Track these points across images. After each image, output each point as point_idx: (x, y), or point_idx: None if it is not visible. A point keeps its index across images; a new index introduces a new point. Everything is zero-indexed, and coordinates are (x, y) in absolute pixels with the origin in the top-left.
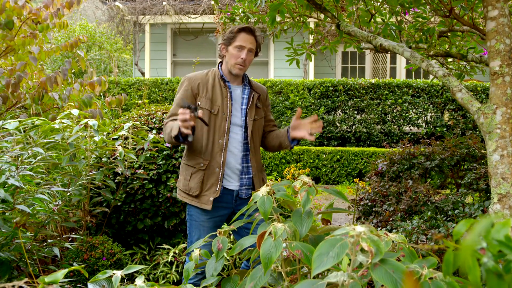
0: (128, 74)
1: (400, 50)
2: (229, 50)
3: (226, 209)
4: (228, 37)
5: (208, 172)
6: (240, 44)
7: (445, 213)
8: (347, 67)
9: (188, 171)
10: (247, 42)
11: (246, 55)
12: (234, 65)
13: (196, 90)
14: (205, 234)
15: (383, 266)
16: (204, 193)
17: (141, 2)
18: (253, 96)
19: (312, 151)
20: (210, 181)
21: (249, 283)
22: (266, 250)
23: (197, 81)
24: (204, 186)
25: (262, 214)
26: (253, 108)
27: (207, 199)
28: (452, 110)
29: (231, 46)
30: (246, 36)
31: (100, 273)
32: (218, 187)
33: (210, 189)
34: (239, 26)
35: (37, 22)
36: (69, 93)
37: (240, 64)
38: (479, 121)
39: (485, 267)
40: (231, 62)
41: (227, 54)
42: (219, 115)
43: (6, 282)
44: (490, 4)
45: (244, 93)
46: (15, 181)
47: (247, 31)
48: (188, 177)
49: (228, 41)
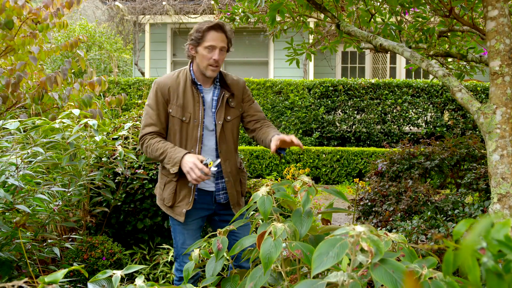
0: (128, 74)
1: (400, 50)
2: (198, 51)
3: (206, 210)
4: (196, 36)
5: (180, 183)
6: (210, 44)
7: (445, 213)
8: (347, 67)
9: (162, 180)
10: (218, 40)
11: (218, 55)
12: (207, 67)
13: (167, 96)
14: (190, 237)
15: (383, 266)
16: (177, 205)
17: (141, 2)
18: (222, 96)
19: (312, 151)
20: (182, 192)
21: (249, 283)
22: (266, 250)
23: (167, 86)
24: (177, 198)
25: (262, 214)
26: (222, 109)
27: (180, 211)
28: (452, 110)
29: (200, 46)
30: (216, 35)
31: (100, 273)
32: (191, 199)
33: (183, 201)
34: (206, 23)
35: (37, 22)
36: (69, 93)
37: (212, 65)
38: (479, 121)
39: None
40: (202, 64)
41: (197, 56)
42: (190, 123)
43: (6, 282)
44: (490, 4)
45: (214, 95)
46: (15, 181)
47: (216, 29)
48: (163, 186)
49: (197, 41)
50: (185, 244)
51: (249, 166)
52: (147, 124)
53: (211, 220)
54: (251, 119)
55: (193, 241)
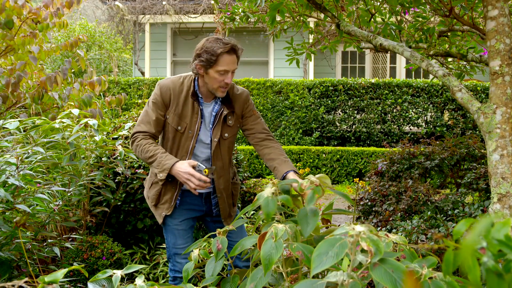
0: (128, 73)
1: (400, 50)
2: (209, 73)
3: (197, 211)
4: (208, 59)
5: (165, 187)
6: (224, 69)
7: (445, 212)
8: (347, 67)
9: (150, 178)
10: (231, 64)
11: (230, 78)
12: (217, 89)
13: (167, 102)
14: (180, 237)
15: (383, 266)
16: (159, 206)
17: (141, 1)
18: (221, 113)
19: (312, 151)
20: (165, 196)
21: (249, 284)
22: (267, 251)
23: (169, 92)
24: (160, 199)
25: (265, 216)
26: (219, 127)
27: (160, 213)
28: (452, 110)
29: (212, 69)
30: (229, 58)
31: (100, 273)
32: (172, 204)
33: (164, 204)
34: (220, 46)
35: (37, 21)
36: (69, 93)
37: (223, 87)
38: (479, 121)
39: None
40: (213, 85)
41: (207, 76)
42: (185, 133)
43: (6, 281)
44: (490, 4)
45: (214, 110)
46: (15, 181)
47: (230, 53)
48: (150, 184)
49: (208, 64)
50: (176, 244)
51: (249, 166)
52: (143, 122)
53: (203, 220)
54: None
55: (184, 241)
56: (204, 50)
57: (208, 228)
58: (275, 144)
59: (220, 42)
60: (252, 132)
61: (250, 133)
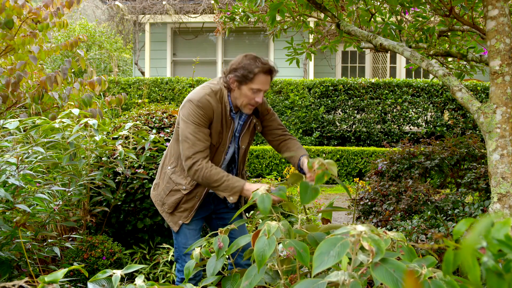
0: (128, 73)
1: (400, 50)
2: (242, 89)
3: (206, 211)
4: (244, 75)
5: (187, 197)
6: (258, 88)
7: (445, 212)
8: (347, 67)
9: (169, 185)
10: (266, 84)
11: (261, 98)
12: (246, 105)
13: (211, 118)
14: (192, 237)
15: (384, 266)
16: (176, 214)
17: (141, 1)
18: (250, 122)
19: (312, 151)
20: (185, 205)
21: (244, 281)
22: (260, 248)
23: (210, 108)
24: (178, 208)
25: (261, 211)
26: (247, 135)
27: (176, 221)
28: (452, 110)
29: (246, 86)
30: (265, 79)
31: (100, 272)
32: (191, 213)
33: (183, 212)
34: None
35: (37, 21)
36: (69, 93)
37: (253, 105)
38: (479, 121)
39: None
40: (242, 101)
41: (238, 91)
42: (219, 148)
43: (6, 281)
44: (490, 4)
45: (241, 119)
46: (15, 181)
47: (267, 74)
48: (167, 191)
49: (244, 79)
50: (187, 244)
51: (249, 165)
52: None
53: (210, 219)
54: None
55: (194, 241)
56: (242, 66)
57: (211, 226)
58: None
59: (258, 62)
60: (269, 129)
61: (268, 130)
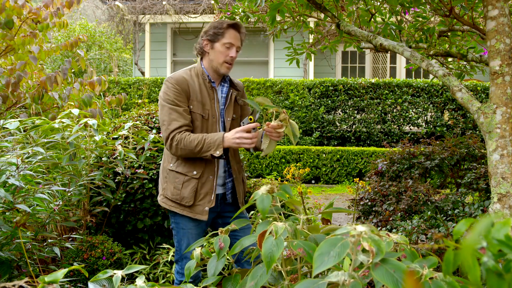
0: (128, 73)
1: (400, 50)
2: (215, 47)
3: (212, 213)
4: (215, 32)
5: (201, 180)
6: (229, 42)
7: (445, 212)
8: (347, 67)
9: (178, 179)
10: (236, 39)
11: (235, 53)
12: (222, 64)
13: (187, 92)
14: (194, 240)
15: (384, 266)
16: (198, 203)
17: (141, 1)
18: (231, 94)
19: (312, 151)
20: (204, 190)
21: (249, 282)
22: (268, 249)
23: (186, 82)
24: (198, 196)
25: (260, 212)
26: (231, 107)
27: (201, 209)
28: (452, 110)
29: (218, 43)
30: (235, 33)
31: (101, 273)
32: (213, 196)
33: (204, 199)
34: (226, 21)
35: (37, 21)
36: (69, 93)
37: (229, 62)
38: (479, 121)
39: (485, 267)
40: (218, 60)
41: (212, 52)
42: (209, 119)
43: (6, 281)
44: (490, 4)
45: (223, 92)
46: (15, 181)
47: (236, 28)
48: (180, 185)
49: (215, 37)
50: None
51: (249, 166)
52: (173, 119)
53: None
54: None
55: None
56: (211, 26)
57: (215, 227)
58: None
59: (225, 21)
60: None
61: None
